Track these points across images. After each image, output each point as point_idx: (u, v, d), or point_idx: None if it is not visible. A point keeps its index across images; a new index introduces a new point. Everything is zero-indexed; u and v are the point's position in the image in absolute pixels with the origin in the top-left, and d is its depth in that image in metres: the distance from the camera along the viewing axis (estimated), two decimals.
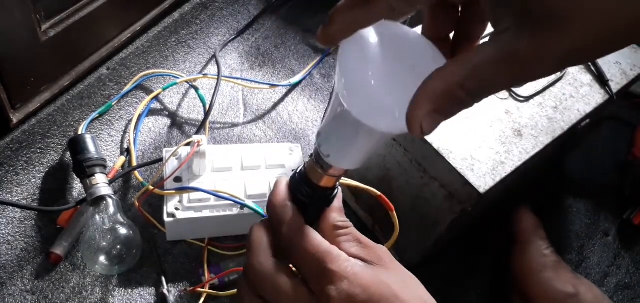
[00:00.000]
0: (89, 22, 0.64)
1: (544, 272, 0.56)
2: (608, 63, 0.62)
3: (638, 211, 0.72)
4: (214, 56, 0.76)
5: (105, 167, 0.57)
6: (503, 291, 0.62)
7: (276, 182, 0.35)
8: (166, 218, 0.55)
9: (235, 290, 0.53)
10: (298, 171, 0.35)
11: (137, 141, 0.65)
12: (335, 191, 0.35)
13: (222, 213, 0.56)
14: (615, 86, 0.60)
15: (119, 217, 0.53)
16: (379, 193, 0.38)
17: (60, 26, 0.61)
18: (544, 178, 0.73)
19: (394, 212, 0.38)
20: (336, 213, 0.34)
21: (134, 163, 0.62)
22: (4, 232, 0.55)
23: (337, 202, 0.35)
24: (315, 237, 0.32)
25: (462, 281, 0.63)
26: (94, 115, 0.65)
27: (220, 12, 0.83)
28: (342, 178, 0.36)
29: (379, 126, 0.27)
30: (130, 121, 0.67)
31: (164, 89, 0.70)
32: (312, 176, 0.33)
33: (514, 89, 0.56)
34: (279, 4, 0.87)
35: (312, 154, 0.33)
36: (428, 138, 0.49)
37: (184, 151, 0.58)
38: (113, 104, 0.67)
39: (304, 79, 0.78)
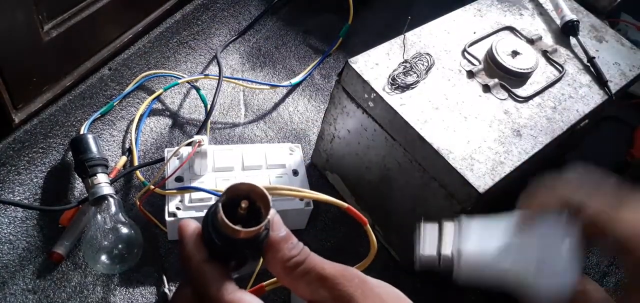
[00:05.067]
0: (90, 23, 0.65)
1: None
2: (607, 64, 0.62)
3: None
4: (215, 57, 0.77)
5: (106, 166, 0.57)
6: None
7: (181, 229, 0.27)
8: (167, 218, 0.55)
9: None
10: (210, 212, 0.27)
11: (139, 141, 0.66)
12: (264, 232, 0.27)
13: None
14: (614, 87, 0.60)
15: (121, 217, 0.54)
16: (346, 205, 0.34)
17: (62, 27, 0.61)
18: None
19: (368, 226, 0.33)
20: (285, 247, 0.27)
21: (136, 163, 0.63)
22: (5, 231, 0.55)
23: (280, 230, 0.27)
24: None
25: None
26: (96, 115, 0.65)
27: (222, 13, 0.83)
28: (311, 191, 0.31)
29: None
30: (131, 121, 0.67)
31: (165, 89, 0.70)
32: (226, 230, 0.25)
33: (513, 89, 0.56)
34: (279, 5, 0.88)
35: (222, 195, 0.26)
36: (428, 138, 0.50)
37: (185, 151, 0.58)
38: (115, 104, 0.67)
39: (304, 79, 0.79)
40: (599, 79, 0.60)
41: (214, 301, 0.25)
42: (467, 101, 0.54)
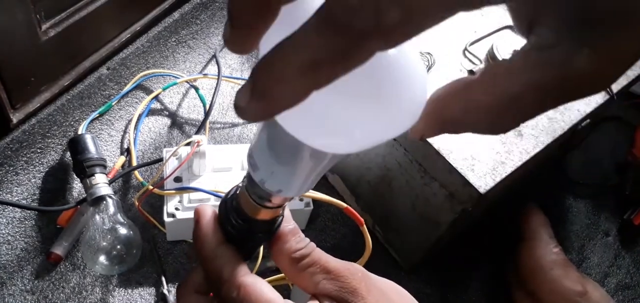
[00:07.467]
0: (89, 22, 0.64)
1: (553, 269, 0.56)
2: None
3: (638, 211, 0.72)
4: (214, 56, 0.76)
5: (105, 166, 0.57)
6: (503, 290, 0.62)
7: (198, 213, 0.28)
8: (166, 218, 0.55)
9: None
10: (229, 196, 0.28)
11: (137, 141, 0.65)
12: (280, 218, 0.28)
13: None
14: (615, 86, 0.60)
15: (119, 217, 0.53)
16: (345, 205, 0.34)
17: (60, 26, 0.61)
18: (544, 178, 0.73)
19: (364, 227, 0.34)
20: (292, 239, 0.28)
21: (134, 163, 0.62)
22: (4, 231, 0.55)
23: (289, 223, 0.29)
24: (263, 294, 0.26)
25: (462, 280, 0.63)
26: (94, 115, 0.65)
27: (221, 12, 0.83)
28: (310, 190, 0.30)
29: (331, 149, 0.21)
30: (130, 121, 0.67)
31: (164, 89, 0.70)
32: (247, 208, 0.27)
33: None
34: None
35: (244, 179, 0.27)
36: (428, 138, 0.49)
37: (184, 151, 0.58)
38: (113, 103, 0.67)
39: None
40: None
41: (227, 282, 0.26)
42: None
